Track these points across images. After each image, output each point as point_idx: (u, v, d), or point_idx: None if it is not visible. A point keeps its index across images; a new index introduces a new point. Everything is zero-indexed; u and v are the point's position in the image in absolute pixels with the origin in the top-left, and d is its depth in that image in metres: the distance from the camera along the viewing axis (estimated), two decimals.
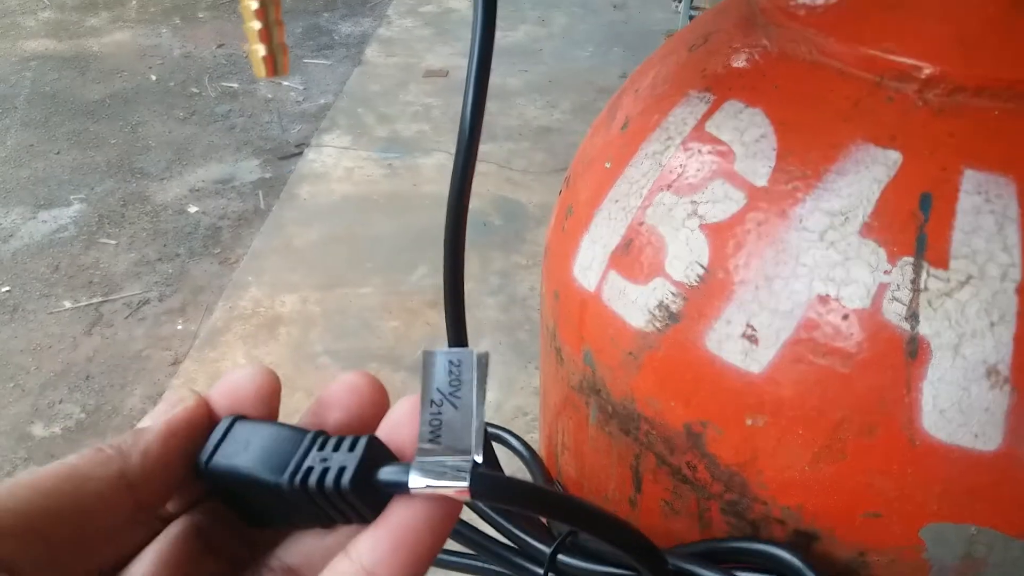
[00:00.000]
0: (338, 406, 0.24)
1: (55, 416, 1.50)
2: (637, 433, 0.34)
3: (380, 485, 0.21)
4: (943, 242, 0.28)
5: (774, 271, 0.29)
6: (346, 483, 0.21)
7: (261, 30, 0.23)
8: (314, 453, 0.22)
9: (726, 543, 0.31)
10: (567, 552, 0.34)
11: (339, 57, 2.77)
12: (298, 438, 0.22)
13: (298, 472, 0.21)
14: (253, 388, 0.24)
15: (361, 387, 0.24)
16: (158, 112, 2.45)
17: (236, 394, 0.24)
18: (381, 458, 0.22)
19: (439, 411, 0.22)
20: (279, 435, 0.23)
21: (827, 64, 0.31)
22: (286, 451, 0.22)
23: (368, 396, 0.24)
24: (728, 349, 0.30)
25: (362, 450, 0.21)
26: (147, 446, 0.22)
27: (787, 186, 0.30)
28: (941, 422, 0.27)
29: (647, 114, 0.36)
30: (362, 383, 0.24)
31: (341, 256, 1.83)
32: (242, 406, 0.24)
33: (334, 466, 0.21)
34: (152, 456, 0.22)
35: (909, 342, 0.28)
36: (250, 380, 0.24)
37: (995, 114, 0.28)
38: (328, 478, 0.21)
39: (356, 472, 0.21)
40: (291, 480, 0.22)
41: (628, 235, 0.34)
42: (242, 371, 0.24)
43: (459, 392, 0.22)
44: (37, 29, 2.97)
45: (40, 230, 1.97)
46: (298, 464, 0.22)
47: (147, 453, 0.22)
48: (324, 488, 0.21)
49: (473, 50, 0.28)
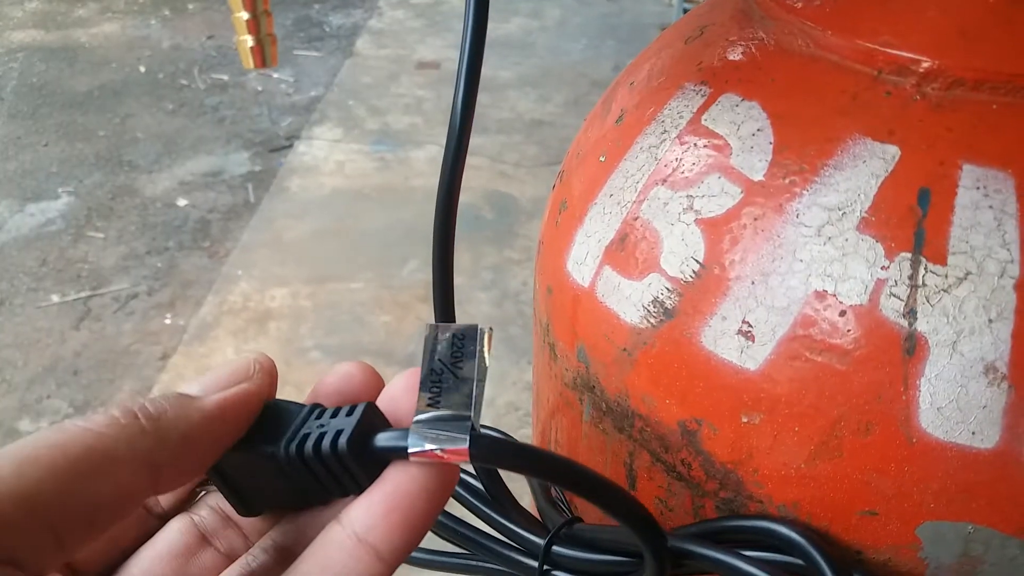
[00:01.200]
0: (332, 395, 0.24)
1: (43, 412, 1.49)
2: (631, 430, 0.33)
3: (377, 450, 0.21)
4: (941, 238, 0.27)
5: (770, 267, 0.29)
6: (343, 445, 0.21)
7: (249, 20, 0.23)
8: (311, 422, 0.22)
9: (722, 522, 0.31)
10: (562, 543, 0.33)
11: (330, 49, 2.75)
12: (295, 411, 0.22)
13: (294, 439, 0.21)
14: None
15: (355, 374, 0.24)
16: (147, 104, 2.44)
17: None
18: (378, 424, 0.22)
19: (439, 380, 0.21)
20: (275, 409, 0.22)
21: (824, 57, 0.31)
22: (283, 422, 0.22)
23: (362, 383, 0.24)
24: (724, 346, 0.30)
25: (359, 414, 0.21)
26: (190, 430, 0.20)
27: (784, 181, 0.30)
28: (938, 420, 0.27)
29: (642, 107, 0.35)
30: (356, 370, 0.24)
31: (332, 250, 1.82)
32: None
33: (331, 431, 0.21)
34: (193, 442, 0.20)
35: (907, 339, 0.27)
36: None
37: (994, 108, 0.28)
38: (324, 442, 0.21)
39: (352, 435, 0.21)
40: (287, 448, 0.21)
41: (623, 230, 0.33)
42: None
43: (461, 364, 0.22)
44: (24, 19, 2.94)
45: (28, 223, 1.96)
46: (295, 433, 0.21)
47: (188, 439, 0.20)
48: (321, 452, 0.21)
49: (464, 44, 0.28)
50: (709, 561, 0.29)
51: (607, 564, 0.32)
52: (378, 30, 2.86)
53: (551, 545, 0.33)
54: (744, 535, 0.30)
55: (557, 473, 0.23)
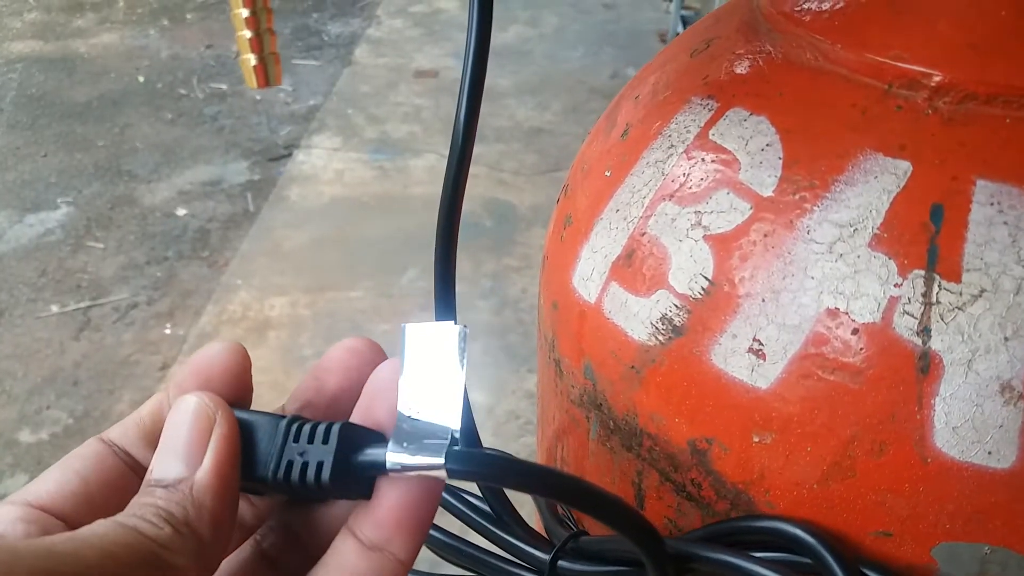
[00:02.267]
0: (337, 369, 0.24)
1: (42, 422, 1.48)
2: (640, 449, 0.33)
3: (360, 468, 0.21)
4: (955, 254, 0.27)
5: (781, 284, 0.29)
6: (326, 479, 0.21)
7: (252, 39, 0.22)
8: (291, 445, 0.22)
9: (729, 524, 0.30)
10: (567, 557, 0.33)
11: (328, 58, 2.75)
12: (273, 428, 0.22)
13: (279, 468, 0.21)
14: (223, 368, 0.23)
15: (359, 349, 0.24)
16: (146, 114, 2.44)
17: (208, 378, 0.23)
18: (357, 440, 0.21)
19: (419, 386, 0.21)
20: (255, 426, 0.22)
21: (833, 71, 0.30)
22: (259, 444, 0.22)
23: (366, 358, 0.24)
24: (734, 364, 0.29)
25: (335, 443, 0.21)
26: (213, 516, 0.20)
27: (794, 196, 0.29)
28: (954, 439, 0.27)
29: (648, 121, 0.35)
30: (360, 345, 0.24)
31: (331, 259, 1.82)
32: (214, 388, 0.23)
33: (312, 460, 0.21)
34: (220, 523, 0.21)
35: (920, 357, 0.27)
36: (220, 361, 0.23)
37: (1007, 122, 0.28)
38: (308, 473, 0.21)
39: (334, 466, 0.21)
40: (274, 476, 0.21)
41: (629, 245, 0.33)
42: (208, 352, 0.23)
43: (439, 366, 0.21)
44: (23, 30, 2.94)
45: (27, 234, 1.95)
46: (278, 459, 0.21)
47: (218, 523, 0.20)
48: (307, 483, 0.21)
49: (468, 56, 0.27)
50: (714, 563, 0.28)
51: (613, 575, 0.32)
52: (376, 39, 2.86)
53: (556, 560, 0.33)
54: (751, 536, 0.30)
55: (537, 483, 0.22)
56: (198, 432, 0.21)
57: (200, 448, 0.21)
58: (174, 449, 0.21)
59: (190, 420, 0.21)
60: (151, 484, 0.21)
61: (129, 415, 0.24)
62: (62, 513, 0.21)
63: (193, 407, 0.21)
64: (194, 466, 0.21)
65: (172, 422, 0.22)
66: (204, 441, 0.21)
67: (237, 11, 0.22)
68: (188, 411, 0.21)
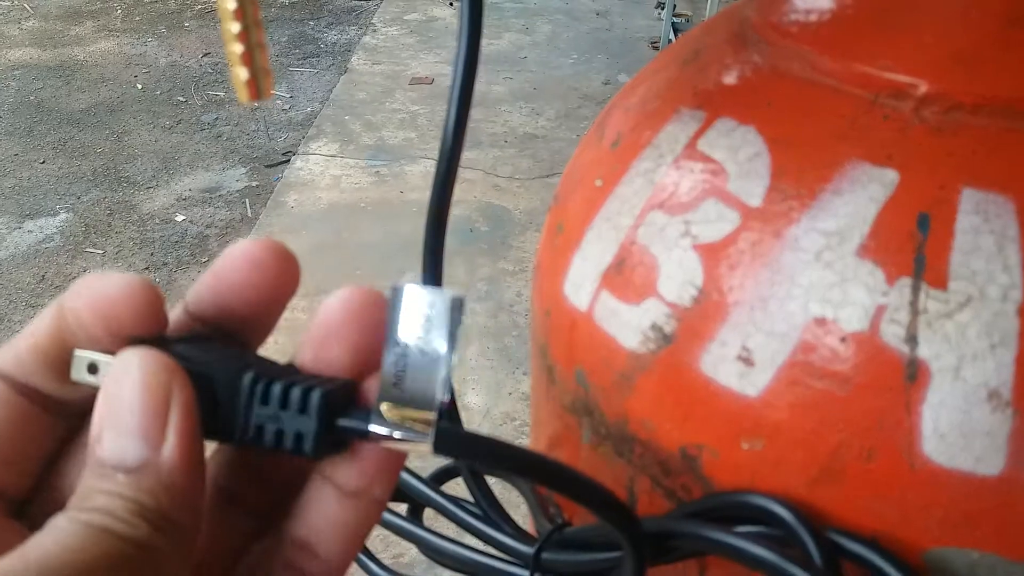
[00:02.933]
0: (242, 288, 0.20)
1: None
2: (631, 455, 0.33)
3: (340, 432, 0.20)
4: (942, 263, 0.27)
5: (769, 292, 0.29)
6: (308, 450, 0.19)
7: (243, 54, 0.23)
8: (258, 408, 0.19)
9: (703, 501, 0.30)
10: (551, 548, 0.33)
11: (325, 65, 2.76)
12: (231, 381, 0.19)
13: (248, 430, 0.19)
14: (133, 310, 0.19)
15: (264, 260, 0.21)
16: (144, 121, 2.44)
17: (116, 320, 0.19)
18: (336, 405, 0.20)
19: (405, 353, 0.20)
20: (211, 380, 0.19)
21: (821, 81, 0.30)
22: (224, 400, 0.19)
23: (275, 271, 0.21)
24: (723, 371, 0.29)
25: (316, 415, 0.19)
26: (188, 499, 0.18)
27: (782, 206, 0.29)
28: (942, 446, 0.27)
29: (638, 131, 0.35)
30: (263, 255, 0.21)
31: (329, 264, 1.82)
32: (123, 327, 0.19)
33: (288, 430, 0.19)
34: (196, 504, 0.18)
35: (908, 365, 0.27)
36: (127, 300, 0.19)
37: (993, 132, 0.28)
38: (286, 443, 0.19)
39: (316, 439, 0.19)
40: (242, 435, 0.19)
41: (620, 254, 0.33)
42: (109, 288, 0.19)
43: (429, 335, 0.20)
44: (21, 38, 2.95)
45: (25, 240, 1.95)
46: (245, 421, 0.19)
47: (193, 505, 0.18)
48: (281, 449, 0.19)
49: (458, 62, 0.28)
50: (691, 537, 0.29)
51: (595, 562, 0.32)
52: (372, 46, 2.87)
53: (540, 552, 0.33)
54: (726, 512, 0.30)
55: (520, 465, 0.21)
56: (153, 403, 0.18)
57: (159, 423, 0.18)
58: (126, 424, 0.18)
59: (140, 389, 0.18)
60: (106, 466, 0.18)
61: (16, 337, 0.20)
62: None
63: (140, 372, 0.18)
64: (156, 445, 0.18)
65: (117, 388, 0.18)
66: (162, 415, 0.18)
67: (228, 25, 0.22)
68: (134, 377, 0.18)
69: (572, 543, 0.32)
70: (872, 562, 0.27)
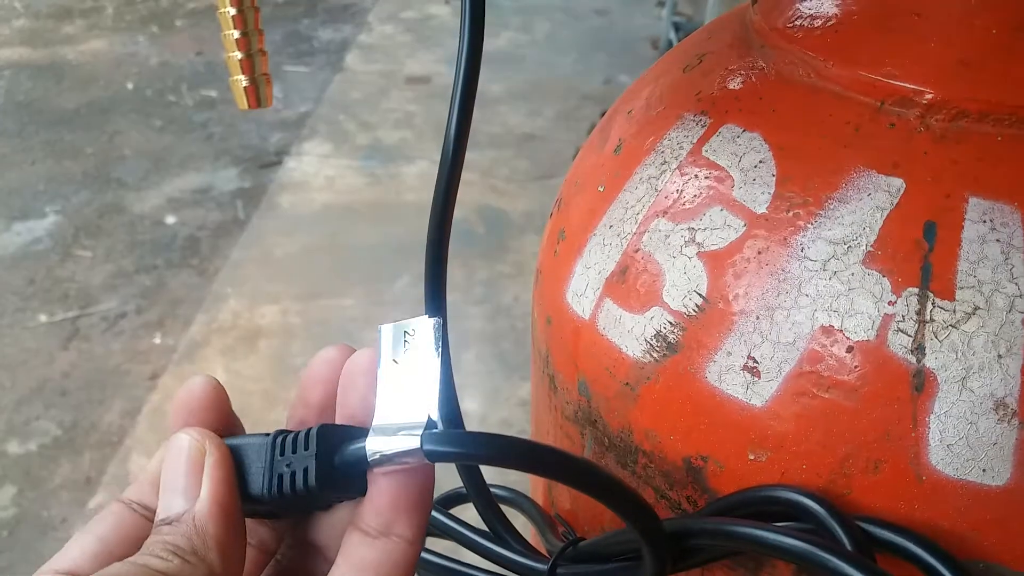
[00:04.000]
0: (316, 384, 0.25)
1: (31, 433, 1.47)
2: (635, 466, 0.33)
3: (347, 465, 0.22)
4: (948, 272, 0.27)
5: (775, 301, 0.29)
6: (313, 483, 0.21)
7: (243, 60, 0.22)
8: (278, 459, 0.22)
9: (728, 498, 0.29)
10: (566, 564, 0.33)
11: (319, 64, 2.75)
12: (261, 447, 0.23)
13: (272, 483, 0.22)
14: (199, 401, 0.24)
15: (334, 358, 0.25)
16: (135, 121, 2.43)
17: (188, 413, 0.24)
18: (336, 439, 0.22)
19: (396, 379, 0.22)
20: (246, 449, 0.23)
21: (826, 88, 0.30)
22: (250, 464, 0.22)
23: (342, 364, 0.25)
24: (729, 381, 0.29)
25: (314, 446, 0.22)
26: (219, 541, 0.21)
27: (787, 214, 0.29)
28: (948, 457, 0.27)
29: (641, 137, 0.35)
30: (334, 355, 0.25)
31: (322, 266, 1.81)
32: (198, 422, 0.24)
33: (298, 469, 0.22)
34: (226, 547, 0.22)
35: (915, 375, 0.27)
36: (196, 394, 0.24)
37: (999, 140, 0.28)
38: (297, 482, 0.22)
39: (318, 468, 0.21)
40: (268, 491, 0.22)
41: (623, 262, 0.33)
42: (185, 391, 0.24)
43: (415, 359, 0.22)
44: (11, 37, 2.93)
45: (14, 242, 1.94)
46: (269, 474, 0.22)
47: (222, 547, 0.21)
48: (297, 492, 0.22)
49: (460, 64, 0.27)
50: (714, 533, 0.27)
51: (613, 572, 0.31)
52: (367, 45, 2.86)
53: (556, 568, 0.33)
54: (754, 507, 0.29)
55: (518, 456, 0.21)
56: (191, 464, 0.22)
57: (196, 479, 0.22)
58: (173, 486, 0.22)
59: (184, 455, 0.22)
60: (158, 524, 0.22)
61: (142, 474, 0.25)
62: (84, 573, 0.22)
63: (184, 443, 0.22)
64: (193, 498, 0.22)
65: (167, 463, 0.22)
66: (198, 472, 0.22)
67: (228, 32, 0.22)
68: (180, 447, 0.22)
69: (587, 556, 0.32)
70: (906, 548, 0.26)
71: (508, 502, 0.40)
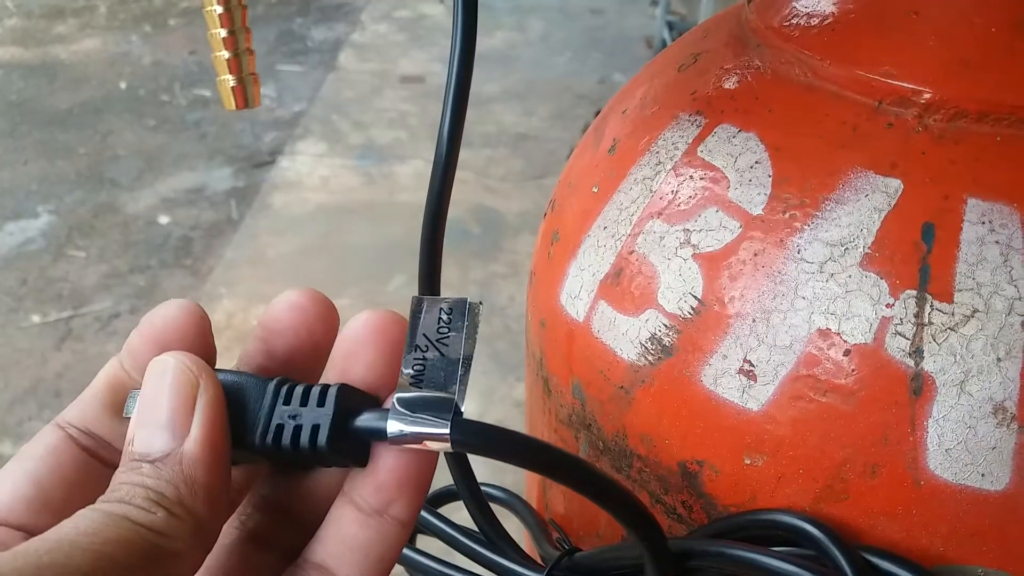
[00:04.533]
0: (284, 331, 0.22)
1: (23, 434, 1.46)
2: (630, 471, 0.32)
3: (358, 432, 0.20)
4: (947, 274, 0.27)
5: (772, 304, 0.28)
6: (323, 443, 0.20)
7: (230, 59, 0.22)
8: (280, 408, 0.20)
9: (728, 520, 0.29)
10: (561, 574, 0.32)
11: (313, 63, 2.74)
12: (260, 390, 0.21)
13: (268, 432, 0.20)
14: (181, 330, 0.21)
15: (305, 305, 0.22)
16: (128, 121, 2.42)
17: (165, 341, 0.21)
18: (355, 403, 0.20)
19: (424, 356, 0.20)
20: (240, 388, 0.21)
21: (823, 87, 0.30)
22: (247, 406, 0.20)
23: (315, 314, 0.22)
24: (725, 385, 0.29)
25: (333, 405, 0.20)
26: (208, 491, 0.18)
27: (784, 215, 0.29)
28: (947, 462, 0.26)
29: (636, 136, 0.34)
30: (303, 300, 0.22)
31: (316, 267, 1.80)
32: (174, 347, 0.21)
33: (306, 424, 0.20)
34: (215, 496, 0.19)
35: (913, 379, 0.26)
36: (176, 321, 0.21)
37: (997, 140, 0.27)
38: (303, 437, 0.20)
39: (331, 431, 0.20)
40: (262, 440, 0.20)
41: (618, 264, 0.33)
42: (161, 314, 0.21)
43: (447, 340, 0.21)
44: (3, 37, 2.91)
45: (7, 242, 1.93)
46: (267, 423, 0.20)
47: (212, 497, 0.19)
48: (300, 447, 0.20)
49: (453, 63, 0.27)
50: (715, 556, 0.27)
51: None
52: (361, 44, 2.85)
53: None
54: (753, 531, 0.28)
55: (546, 461, 0.21)
56: (182, 398, 0.19)
57: (186, 416, 0.19)
58: (156, 419, 0.19)
59: (171, 385, 0.19)
60: (134, 459, 0.19)
61: (84, 391, 0.21)
62: (20, 522, 0.19)
63: (172, 370, 0.19)
64: (181, 436, 0.19)
65: (150, 388, 0.19)
66: (190, 408, 0.19)
67: (215, 31, 0.22)
68: (167, 374, 0.19)
69: (583, 568, 0.32)
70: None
71: (500, 502, 0.40)
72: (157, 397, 0.19)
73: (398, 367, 0.20)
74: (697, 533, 0.30)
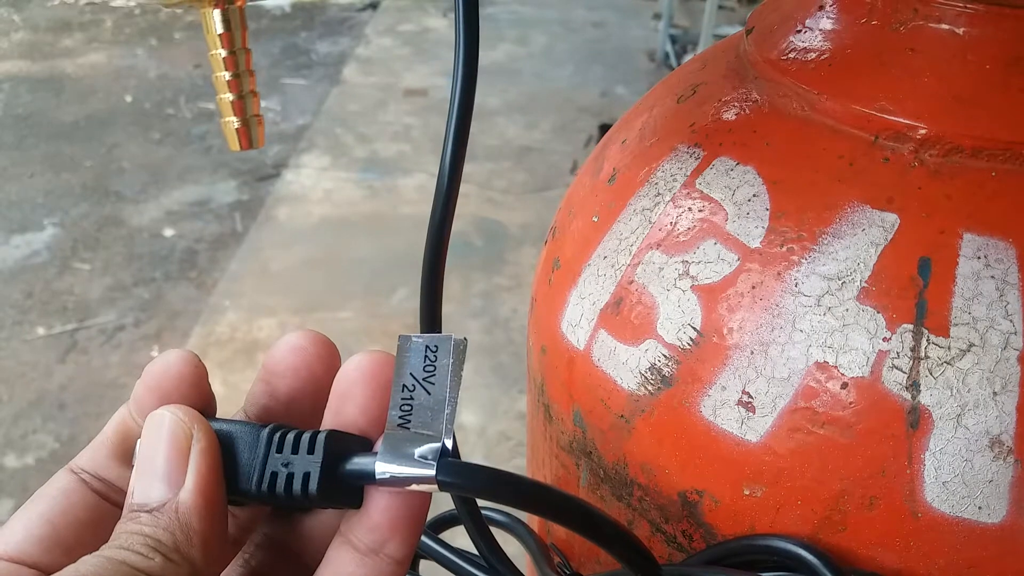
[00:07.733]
0: (285, 372, 0.23)
1: (28, 447, 1.46)
2: (630, 499, 0.32)
3: (349, 477, 0.21)
4: (943, 308, 0.27)
5: (770, 336, 0.29)
6: (313, 491, 0.20)
7: (235, 102, 0.22)
8: (274, 455, 0.21)
9: (724, 545, 0.29)
10: None
11: (317, 77, 2.76)
12: (253, 437, 0.21)
13: (263, 479, 0.21)
14: (178, 379, 0.22)
15: (305, 347, 0.23)
16: (133, 134, 2.43)
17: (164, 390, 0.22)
18: (343, 448, 0.21)
19: (411, 396, 0.21)
20: (234, 436, 0.21)
21: (820, 121, 0.30)
22: (240, 454, 0.21)
23: (315, 355, 0.23)
24: (723, 416, 0.29)
25: (321, 453, 0.20)
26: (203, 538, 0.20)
27: (781, 248, 0.29)
28: (944, 494, 0.27)
29: (635, 167, 0.35)
30: (303, 342, 0.23)
31: (320, 279, 1.81)
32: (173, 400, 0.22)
33: (298, 471, 0.20)
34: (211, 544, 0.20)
35: (910, 412, 0.27)
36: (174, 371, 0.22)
37: (993, 175, 0.28)
38: (295, 485, 0.20)
39: (321, 477, 0.20)
40: (258, 488, 0.21)
41: (618, 293, 0.33)
42: (161, 364, 0.22)
43: (433, 378, 0.21)
44: (10, 50, 2.93)
45: (13, 255, 1.94)
46: (261, 470, 0.21)
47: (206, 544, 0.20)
48: (292, 494, 0.20)
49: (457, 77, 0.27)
50: None
51: None
52: (365, 58, 2.87)
53: None
54: (749, 557, 0.29)
55: (531, 499, 0.21)
56: (176, 449, 0.20)
57: (180, 466, 0.20)
58: (153, 470, 0.20)
59: (166, 437, 0.20)
60: (133, 509, 0.20)
61: (95, 438, 0.23)
62: (34, 561, 0.20)
63: (168, 423, 0.20)
64: (176, 486, 0.20)
65: (147, 441, 0.20)
66: (184, 458, 0.20)
67: (219, 74, 0.22)
68: (163, 427, 0.20)
69: None
70: None
71: (502, 526, 0.40)
72: (154, 449, 0.20)
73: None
74: (693, 559, 0.31)
